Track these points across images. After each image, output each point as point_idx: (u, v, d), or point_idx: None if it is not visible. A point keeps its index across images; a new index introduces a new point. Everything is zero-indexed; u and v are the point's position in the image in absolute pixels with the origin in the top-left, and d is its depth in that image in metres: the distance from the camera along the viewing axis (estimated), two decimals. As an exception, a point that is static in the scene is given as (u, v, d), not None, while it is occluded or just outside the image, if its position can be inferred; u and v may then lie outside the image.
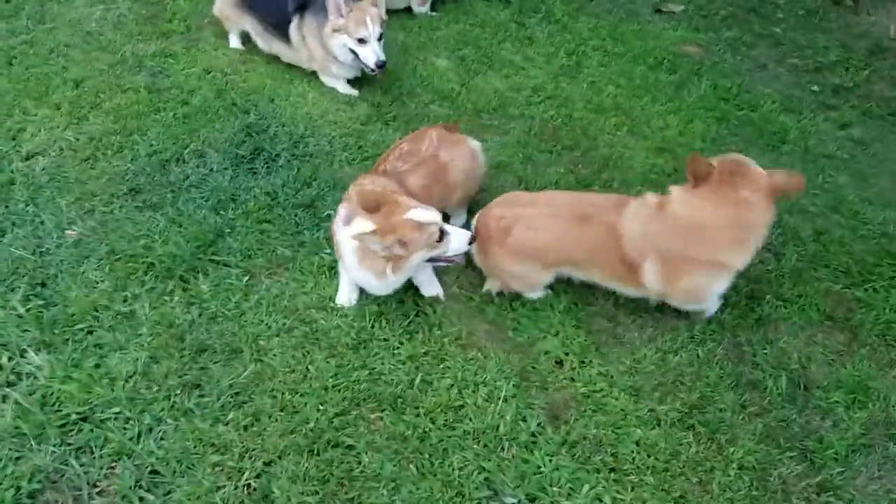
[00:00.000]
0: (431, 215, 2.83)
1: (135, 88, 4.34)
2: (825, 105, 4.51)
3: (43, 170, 3.78)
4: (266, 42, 4.62)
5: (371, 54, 4.14)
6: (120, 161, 3.85)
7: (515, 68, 4.60)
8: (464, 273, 3.33)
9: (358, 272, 2.96)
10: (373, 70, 4.20)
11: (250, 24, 4.63)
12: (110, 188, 3.68)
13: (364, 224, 2.81)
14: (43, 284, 3.19)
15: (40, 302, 3.09)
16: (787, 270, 3.43)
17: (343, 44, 4.21)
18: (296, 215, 3.62)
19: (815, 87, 4.62)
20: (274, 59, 4.67)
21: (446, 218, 3.28)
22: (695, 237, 2.80)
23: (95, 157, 3.87)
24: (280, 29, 4.48)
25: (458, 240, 2.89)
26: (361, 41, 4.14)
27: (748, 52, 4.87)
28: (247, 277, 3.28)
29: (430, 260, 2.93)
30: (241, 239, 3.45)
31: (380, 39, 4.17)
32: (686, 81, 4.55)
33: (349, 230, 2.86)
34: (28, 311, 3.05)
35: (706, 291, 2.97)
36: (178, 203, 3.62)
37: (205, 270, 3.30)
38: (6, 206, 3.55)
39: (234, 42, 4.83)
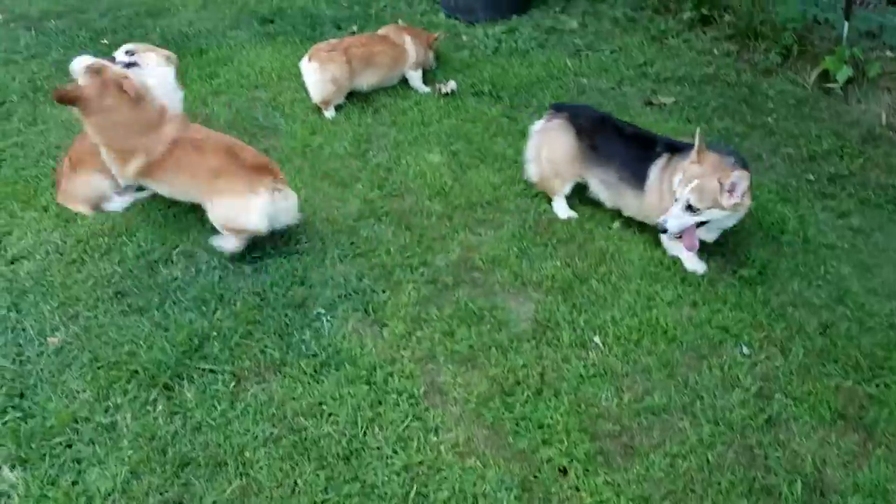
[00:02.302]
0: None
1: (126, 188, 4.31)
2: (822, 194, 4.47)
3: (27, 273, 3.70)
4: (614, 195, 4.06)
5: None
6: (107, 263, 3.77)
7: (508, 162, 4.58)
8: (461, 374, 3.21)
9: None
10: None
11: (598, 176, 4.09)
12: (96, 292, 3.59)
13: None
14: (21, 395, 3.06)
15: (18, 414, 2.96)
16: (795, 366, 3.31)
17: None
18: (286, 315, 3.52)
19: (811, 176, 4.60)
20: (270, 155, 4.65)
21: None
22: None
23: (82, 259, 3.80)
24: (635, 177, 3.91)
25: None
26: None
27: (741, 143, 4.88)
28: (233, 383, 3.16)
29: None
30: (227, 341, 3.34)
31: None
32: (680, 172, 4.54)
33: None
34: (5, 423, 2.92)
35: None
36: (164, 306, 3.52)
37: (190, 377, 3.18)
38: (-13, 313, 3.46)
39: (564, 209, 4.19)
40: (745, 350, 3.38)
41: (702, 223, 3.54)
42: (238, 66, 5.70)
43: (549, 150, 4.19)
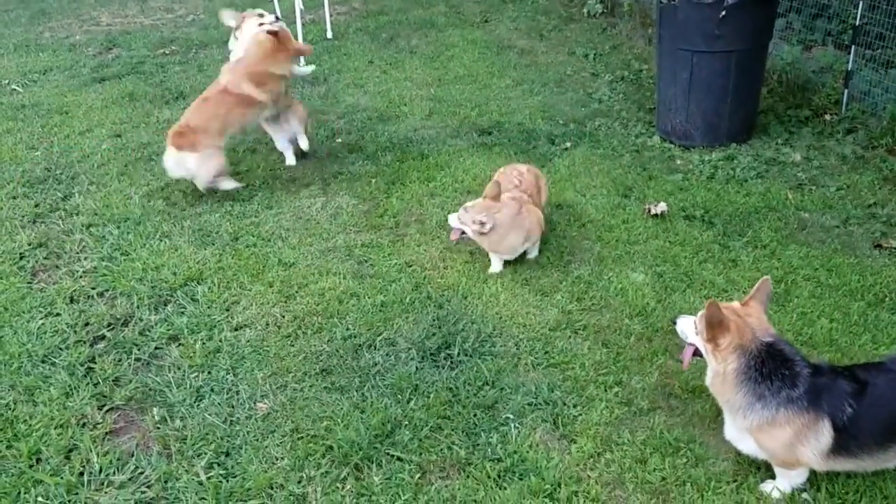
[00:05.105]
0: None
1: (341, 274, 4.62)
2: None
3: (247, 341, 4.02)
4: None
5: None
6: (317, 341, 4.02)
7: (717, 290, 4.41)
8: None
9: None
10: None
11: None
12: (304, 366, 3.82)
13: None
14: (227, 454, 3.28)
15: (222, 471, 3.17)
16: None
17: None
18: (475, 415, 3.54)
19: None
20: (472, 257, 4.80)
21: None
22: None
23: (296, 334, 4.08)
24: None
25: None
26: None
27: None
28: (418, 475, 3.19)
29: None
30: (418, 432, 3.41)
31: None
32: (912, 322, 4.15)
33: None
34: (209, 478, 3.12)
35: None
36: (363, 388, 3.68)
37: (379, 461, 3.26)
38: (209, 373, 3.79)
39: None
40: None
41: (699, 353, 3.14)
42: (454, 172, 6.00)
43: None
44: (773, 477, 3.08)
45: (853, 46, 6.56)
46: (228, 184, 5.68)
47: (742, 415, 2.92)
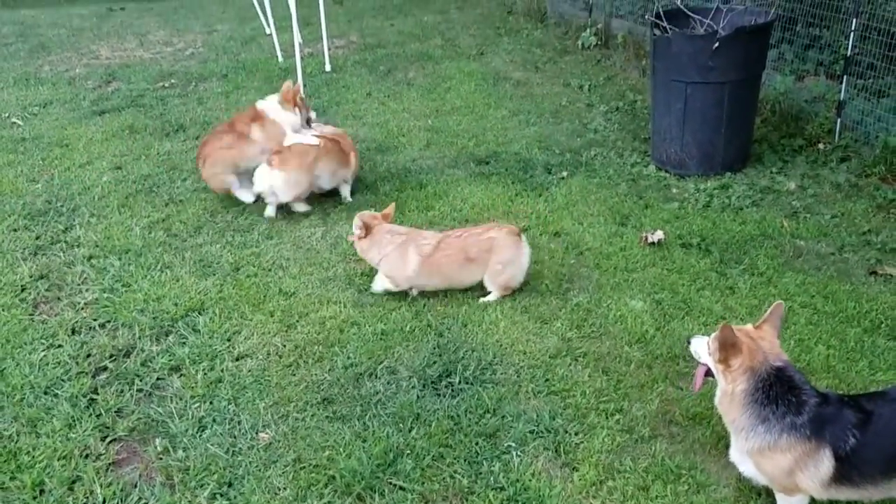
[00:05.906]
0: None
1: (342, 303, 4.64)
2: None
3: (249, 371, 4.03)
4: None
5: None
6: (319, 370, 4.03)
7: (715, 317, 4.44)
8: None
9: None
10: None
11: None
12: (306, 395, 3.83)
13: None
14: (230, 484, 3.28)
15: (225, 502, 3.16)
16: None
17: None
18: (476, 443, 3.54)
19: None
20: (471, 289, 4.83)
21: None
22: None
23: (297, 364, 4.09)
24: None
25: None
26: None
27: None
28: (421, 504, 3.20)
29: None
30: (420, 461, 3.41)
31: None
32: (909, 348, 4.18)
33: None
34: (211, 509, 3.12)
35: None
36: (365, 417, 3.68)
37: (381, 491, 3.26)
38: (210, 403, 3.80)
39: None
40: None
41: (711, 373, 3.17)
42: (452, 201, 6.06)
43: None
44: (773, 503, 3.09)
45: (845, 76, 6.67)
46: (301, 206, 5.99)
47: (744, 436, 2.93)
